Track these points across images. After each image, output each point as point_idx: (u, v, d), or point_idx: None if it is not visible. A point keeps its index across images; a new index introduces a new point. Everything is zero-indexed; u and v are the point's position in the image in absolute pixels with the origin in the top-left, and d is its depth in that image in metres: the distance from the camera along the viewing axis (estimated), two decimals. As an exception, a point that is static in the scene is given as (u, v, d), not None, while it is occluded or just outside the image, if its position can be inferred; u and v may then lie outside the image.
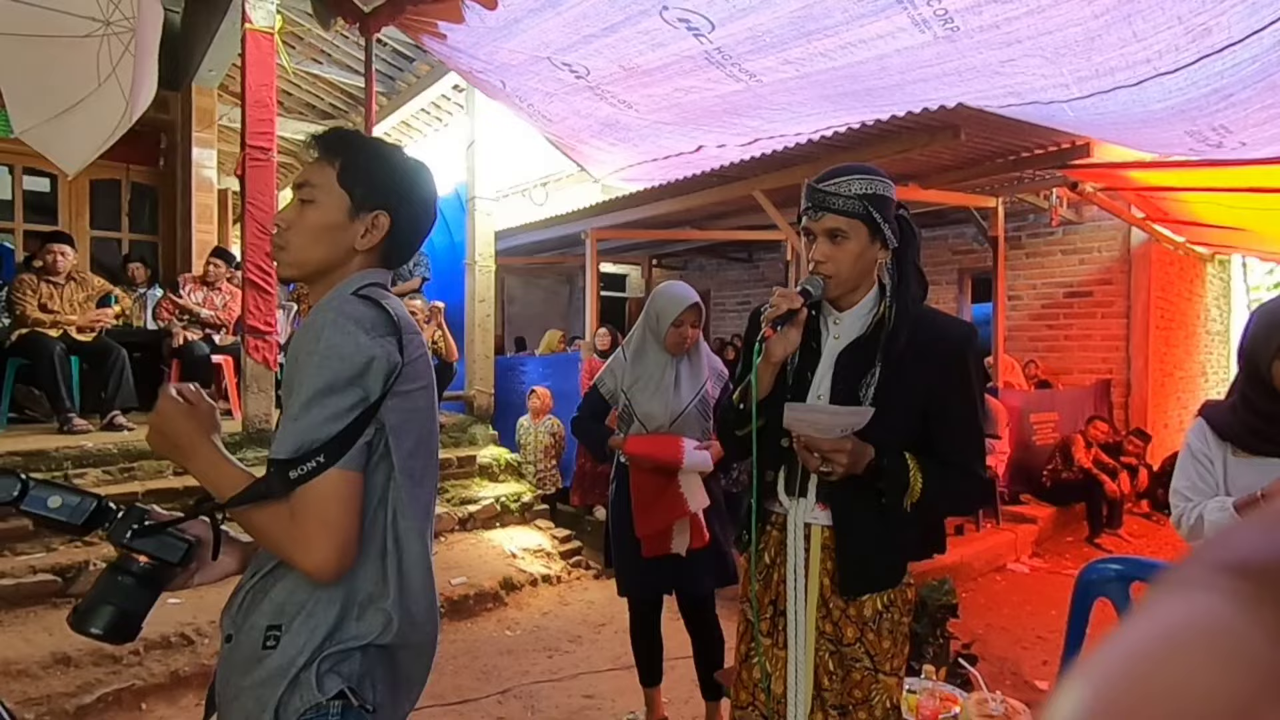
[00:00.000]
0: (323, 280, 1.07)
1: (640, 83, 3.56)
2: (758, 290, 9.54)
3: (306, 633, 0.94)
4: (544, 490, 5.26)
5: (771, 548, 1.51)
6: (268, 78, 4.25)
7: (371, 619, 0.97)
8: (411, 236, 1.11)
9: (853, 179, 1.36)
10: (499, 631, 3.54)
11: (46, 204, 5.94)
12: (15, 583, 3.01)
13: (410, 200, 1.09)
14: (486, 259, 5.52)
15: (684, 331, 2.31)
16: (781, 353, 1.41)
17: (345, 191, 1.04)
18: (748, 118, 3.77)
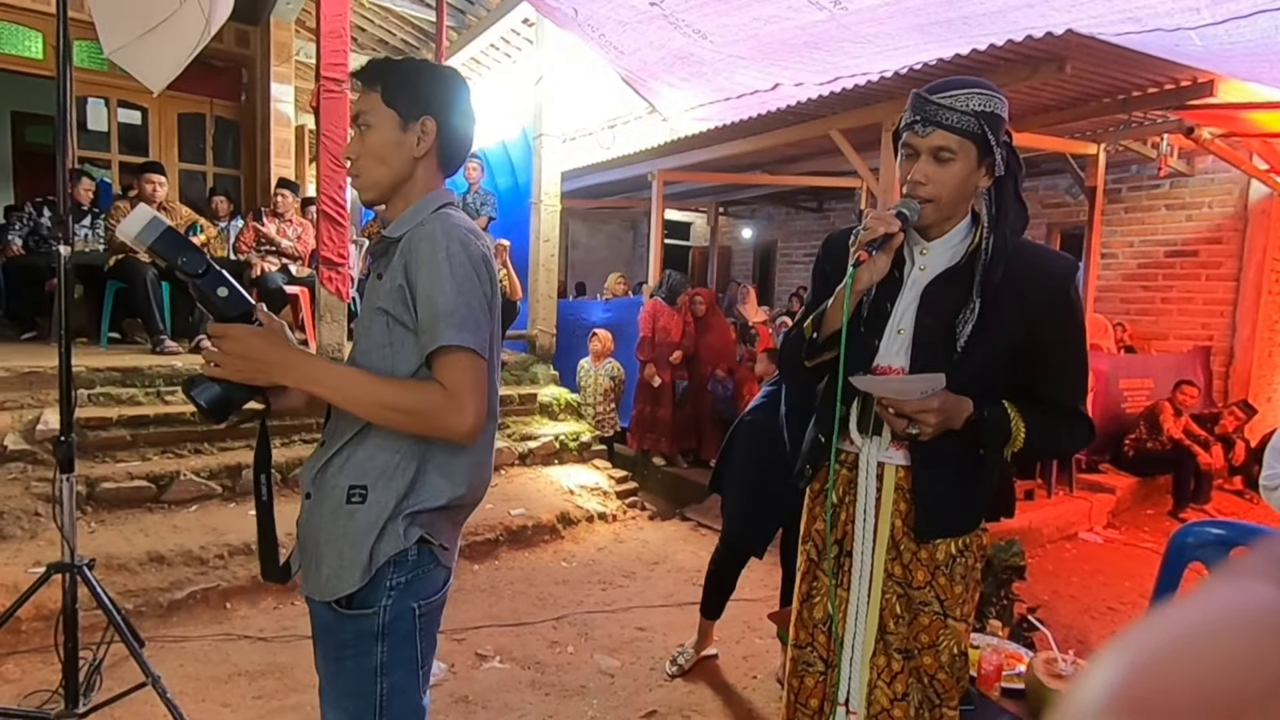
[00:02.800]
0: (398, 195, 1.20)
1: (717, 11, 3.38)
2: (827, 241, 9.22)
3: (391, 492, 1.12)
4: (603, 432, 5.32)
5: (839, 486, 1.46)
6: (341, 8, 4.24)
7: (444, 482, 1.15)
8: (460, 135, 1.22)
9: (971, 93, 1.24)
10: (555, 562, 3.64)
11: (138, 137, 6.20)
12: (116, 487, 3.25)
13: (449, 101, 1.20)
14: (552, 198, 5.49)
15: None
16: (868, 280, 1.31)
17: (392, 110, 1.16)
18: (829, 52, 3.55)
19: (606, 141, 8.11)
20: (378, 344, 1.15)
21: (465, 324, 1.08)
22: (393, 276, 1.13)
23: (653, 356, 5.31)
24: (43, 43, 5.59)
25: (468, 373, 1.08)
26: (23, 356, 3.80)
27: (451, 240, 1.10)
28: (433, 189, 1.21)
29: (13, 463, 3.20)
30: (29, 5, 5.38)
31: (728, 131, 5.11)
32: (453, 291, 1.08)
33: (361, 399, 1.08)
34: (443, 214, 1.16)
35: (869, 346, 1.38)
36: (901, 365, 1.35)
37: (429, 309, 1.08)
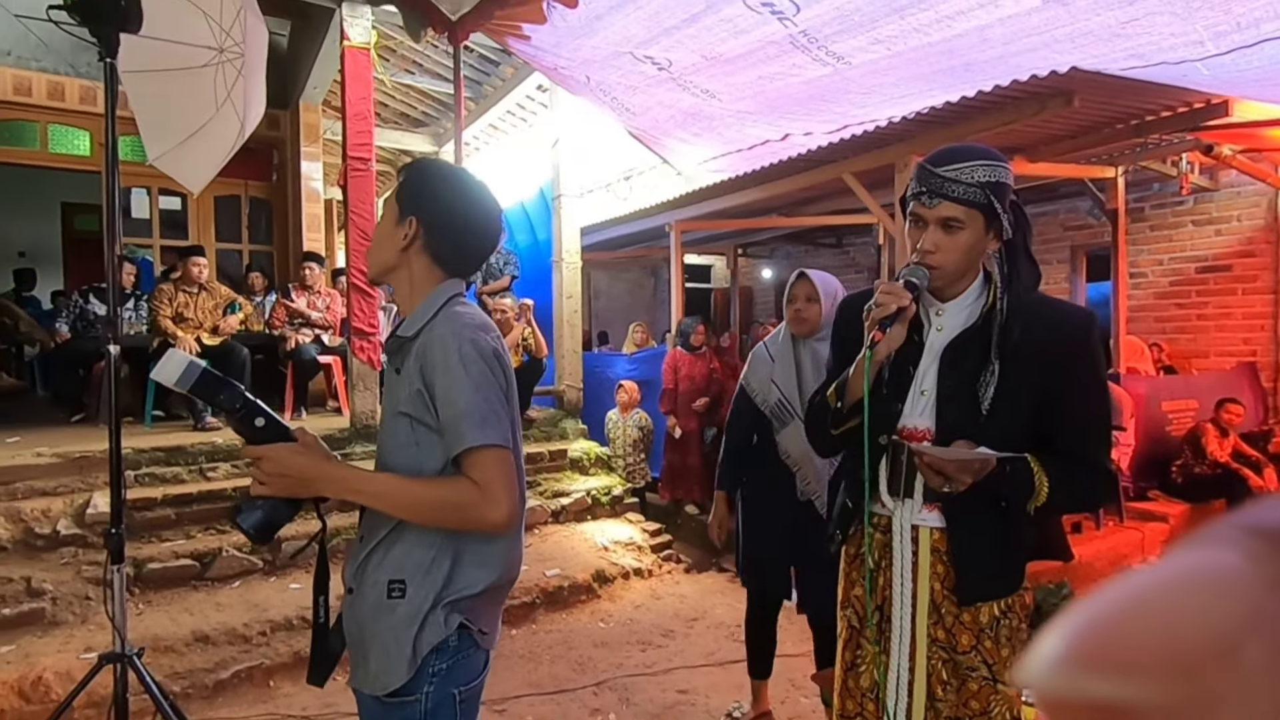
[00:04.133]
0: (401, 286, 1.27)
1: (723, 71, 3.49)
2: (848, 276, 9.22)
3: (429, 585, 1.16)
4: (633, 483, 5.30)
5: (875, 550, 1.44)
6: (365, 91, 4.47)
7: (479, 570, 1.19)
8: (450, 236, 1.25)
9: (976, 165, 1.26)
10: (593, 623, 3.60)
11: (178, 221, 6.51)
12: (162, 566, 3.32)
13: (439, 203, 1.24)
14: (573, 255, 5.60)
15: (796, 309, 2.20)
16: (886, 350, 1.33)
17: (396, 204, 1.25)
18: (835, 103, 3.62)
19: (623, 192, 8.29)
20: (402, 444, 1.20)
21: (487, 421, 1.13)
22: (410, 380, 1.18)
23: (674, 408, 5.31)
24: (90, 140, 5.95)
25: (496, 467, 1.13)
26: (73, 441, 3.94)
27: (463, 341, 1.15)
28: (437, 284, 1.25)
29: (65, 547, 3.30)
30: (78, 108, 5.76)
31: (741, 181, 5.20)
32: (470, 390, 1.13)
33: (400, 503, 1.15)
34: (451, 312, 1.20)
35: (892, 410, 1.38)
36: (928, 427, 1.35)
37: (449, 410, 1.13)
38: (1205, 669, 0.17)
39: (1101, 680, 0.18)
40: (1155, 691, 0.17)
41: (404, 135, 8.02)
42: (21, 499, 3.46)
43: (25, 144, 5.81)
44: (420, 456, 1.18)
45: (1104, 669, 0.18)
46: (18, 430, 4.53)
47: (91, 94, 5.72)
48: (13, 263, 7.99)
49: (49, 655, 2.74)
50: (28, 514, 3.35)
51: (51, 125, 5.86)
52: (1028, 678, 0.19)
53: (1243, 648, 0.17)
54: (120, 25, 1.88)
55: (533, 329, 5.16)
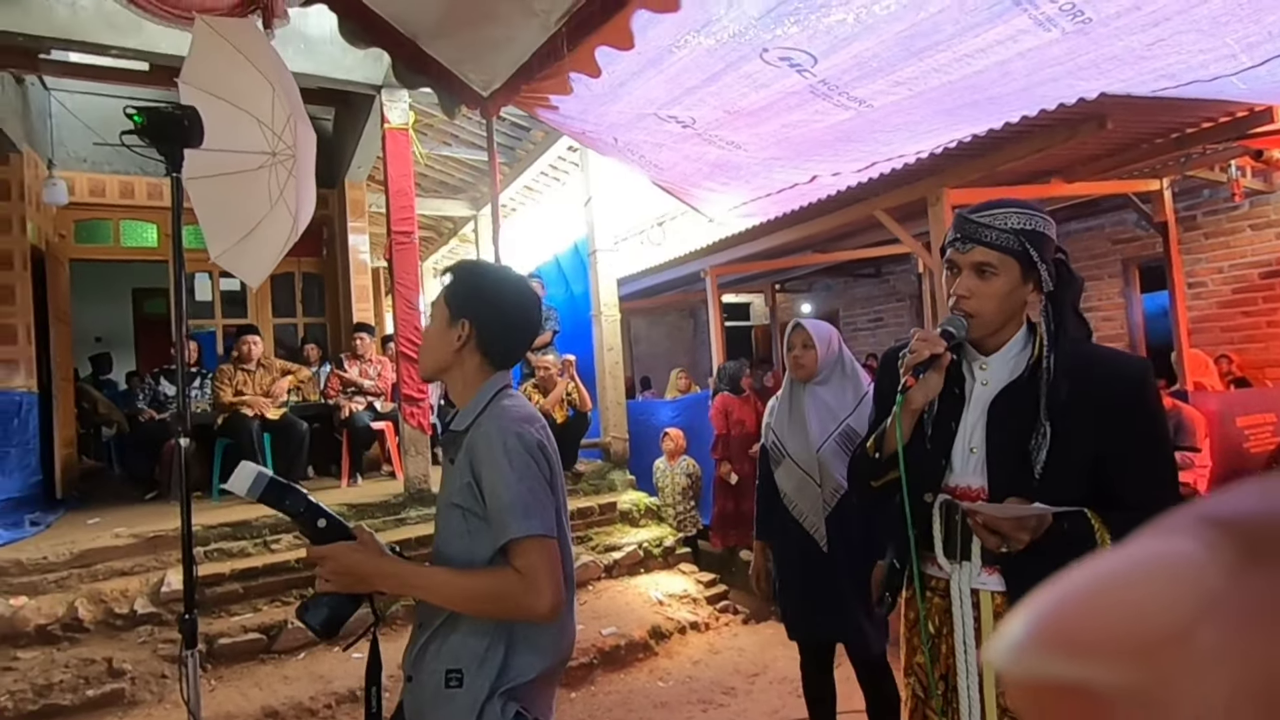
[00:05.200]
0: (453, 380, 1.34)
1: (746, 123, 3.56)
2: (889, 305, 9.09)
3: (485, 675, 1.20)
4: (684, 532, 5.25)
5: (935, 616, 1.40)
6: (406, 168, 4.70)
7: (533, 657, 1.23)
8: (500, 334, 1.32)
9: (1009, 212, 1.27)
10: (651, 682, 3.54)
11: (238, 299, 6.88)
12: (231, 641, 3.42)
13: (491, 305, 1.31)
14: (611, 308, 5.69)
15: (794, 355, 2.28)
16: (922, 399, 1.33)
17: (447, 307, 1.32)
18: (861, 143, 3.65)
19: (657, 238, 8.40)
20: (456, 534, 1.25)
21: (530, 511, 1.17)
22: (461, 473, 1.24)
23: (728, 454, 5.27)
24: (157, 231, 6.37)
25: (539, 556, 1.17)
26: (147, 520, 4.13)
27: (508, 435, 1.21)
28: (487, 379, 1.32)
29: (142, 626, 3.43)
30: (146, 203, 6.20)
31: (773, 224, 5.24)
32: (515, 482, 1.18)
33: (450, 596, 1.20)
34: (499, 406, 1.27)
35: (938, 465, 1.36)
36: (981, 486, 1.32)
37: (495, 503, 1.19)
38: (1161, 652, 0.17)
39: (1062, 662, 0.18)
40: (1113, 673, 0.18)
41: (443, 202, 8.35)
42: (102, 580, 3.63)
43: (101, 240, 6.27)
44: (473, 546, 1.23)
45: (1064, 651, 0.18)
46: (97, 511, 4.78)
47: (158, 189, 6.16)
48: (90, 348, 8.52)
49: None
50: (108, 594, 3.50)
51: (123, 221, 6.31)
52: (993, 659, 0.20)
53: (1196, 632, 0.17)
54: (184, 143, 2.04)
55: (576, 384, 5.22)
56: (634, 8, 2.78)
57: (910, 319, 8.59)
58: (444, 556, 1.28)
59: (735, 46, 2.90)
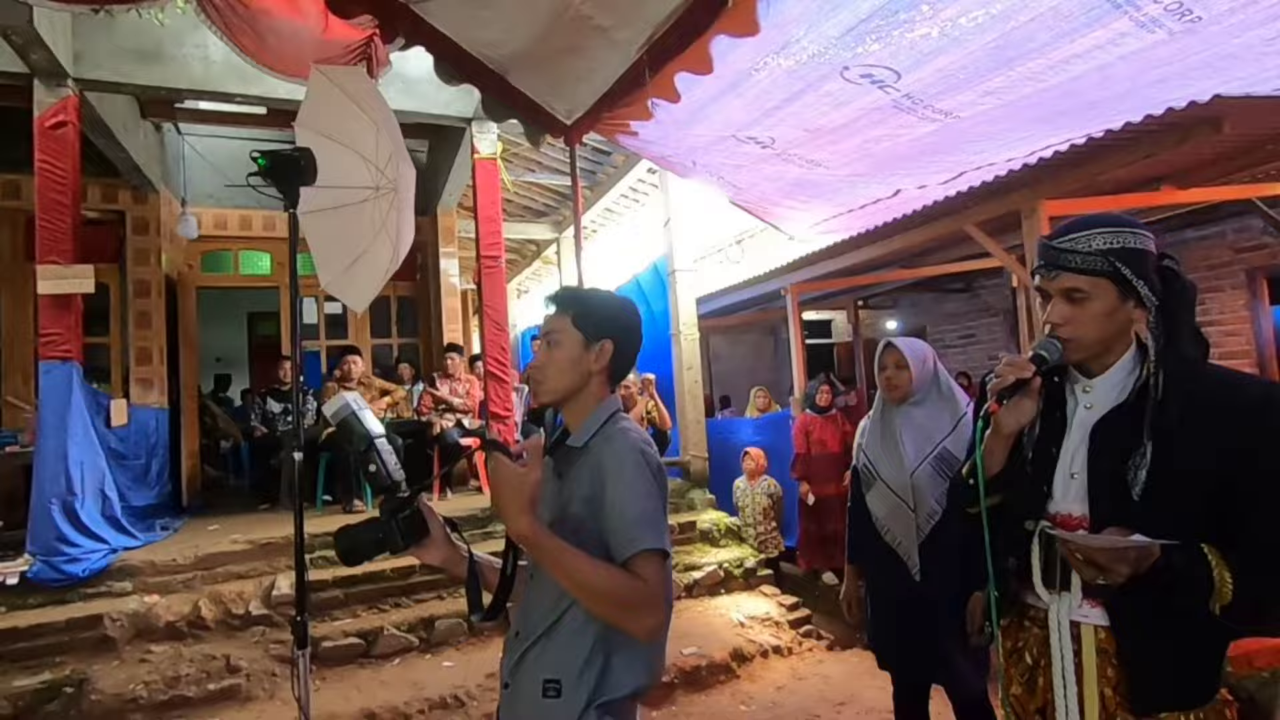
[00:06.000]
0: (573, 403, 1.39)
1: (827, 141, 3.53)
2: (981, 321, 8.69)
3: (583, 687, 1.22)
4: (766, 554, 5.17)
5: (1033, 647, 1.34)
6: (494, 196, 4.92)
7: (629, 675, 1.25)
8: (629, 353, 1.42)
9: (1094, 234, 1.22)
10: (734, 706, 3.50)
11: (339, 322, 7.36)
12: (333, 645, 3.62)
13: (625, 327, 1.41)
14: (690, 327, 5.72)
15: (886, 376, 2.23)
16: (1014, 424, 1.28)
17: (579, 331, 1.37)
18: (949, 155, 3.55)
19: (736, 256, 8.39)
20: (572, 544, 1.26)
21: (659, 527, 1.21)
22: (579, 485, 1.28)
23: (807, 474, 5.17)
24: (270, 260, 6.92)
25: (661, 572, 1.20)
26: (261, 528, 4.45)
27: (635, 453, 1.26)
28: (604, 399, 1.38)
29: (255, 627, 3.70)
30: (261, 234, 6.76)
31: (856, 240, 5.15)
32: (643, 497, 1.22)
33: (574, 570, 1.16)
34: (620, 427, 1.33)
35: (1039, 492, 1.31)
36: (1083, 513, 1.26)
37: (622, 517, 1.21)
38: None
39: None
40: None
41: (528, 226, 8.65)
42: (221, 582, 3.94)
43: (223, 269, 6.86)
44: None
45: None
46: (217, 518, 5.19)
47: (271, 221, 6.70)
48: (211, 368, 9.30)
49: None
50: (226, 596, 3.79)
51: (242, 251, 6.89)
52: None
53: None
54: (300, 182, 2.24)
55: (656, 402, 5.27)
56: (714, 33, 2.83)
57: (1004, 335, 8.18)
58: (546, 578, 1.28)
59: (815, 66, 2.89)
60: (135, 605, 3.62)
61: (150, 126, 5.76)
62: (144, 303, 5.85)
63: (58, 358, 3.83)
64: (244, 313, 10.31)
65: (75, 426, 3.87)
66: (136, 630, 3.54)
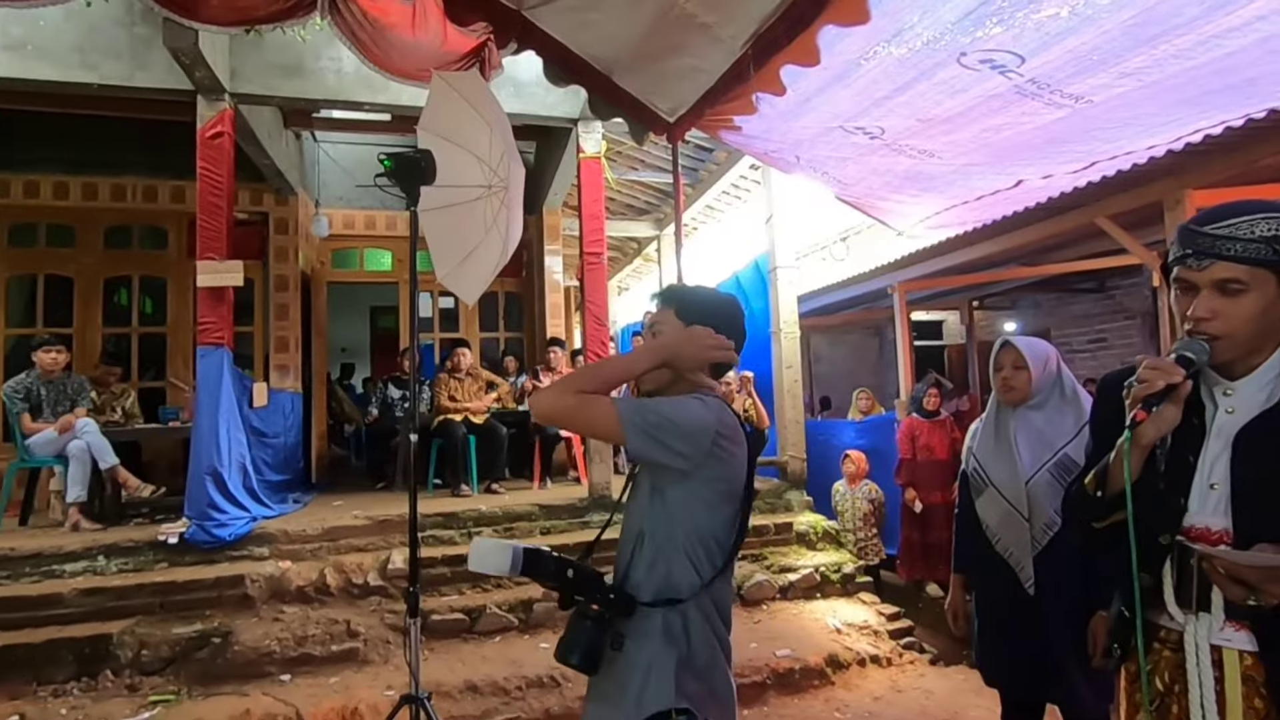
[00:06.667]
0: (674, 390, 1.46)
1: (941, 131, 3.38)
2: (1114, 324, 7.99)
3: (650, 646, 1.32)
4: (866, 560, 5.01)
5: (1165, 671, 1.24)
6: (598, 194, 5.04)
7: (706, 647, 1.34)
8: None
9: (1256, 219, 1.11)
10: (828, 712, 3.42)
11: (451, 316, 7.77)
12: (440, 619, 3.85)
13: (725, 320, 1.47)
14: (790, 325, 5.62)
15: (1003, 377, 2.11)
16: (1156, 434, 1.17)
17: (682, 323, 1.45)
18: (1078, 143, 3.30)
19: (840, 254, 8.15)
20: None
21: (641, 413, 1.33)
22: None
23: (912, 480, 4.96)
24: (391, 257, 7.41)
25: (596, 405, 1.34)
26: (377, 506, 4.78)
27: (694, 399, 1.40)
28: (699, 386, 1.46)
29: (371, 596, 3.98)
30: (384, 233, 7.25)
31: (971, 235, 4.88)
32: (668, 405, 1.37)
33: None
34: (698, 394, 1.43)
35: (1174, 505, 1.21)
36: (1224, 527, 1.15)
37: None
38: None
39: None
40: None
41: (629, 224, 8.78)
42: (344, 553, 4.27)
43: (349, 266, 7.42)
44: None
45: None
46: (340, 495, 5.63)
47: (392, 221, 7.17)
48: (338, 358, 10.06)
49: (362, 689, 3.30)
50: (348, 566, 4.11)
51: (367, 249, 7.42)
52: None
53: None
54: (421, 181, 2.40)
55: (754, 400, 5.22)
56: (821, 24, 2.77)
57: (1142, 339, 7.49)
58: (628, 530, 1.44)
59: (929, 53, 2.77)
60: (271, 569, 3.99)
61: (291, 135, 6.31)
62: (283, 296, 6.42)
63: (212, 343, 4.29)
64: (367, 307, 11.08)
65: (225, 405, 4.32)
66: (272, 591, 3.90)
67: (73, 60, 4.21)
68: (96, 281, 6.18)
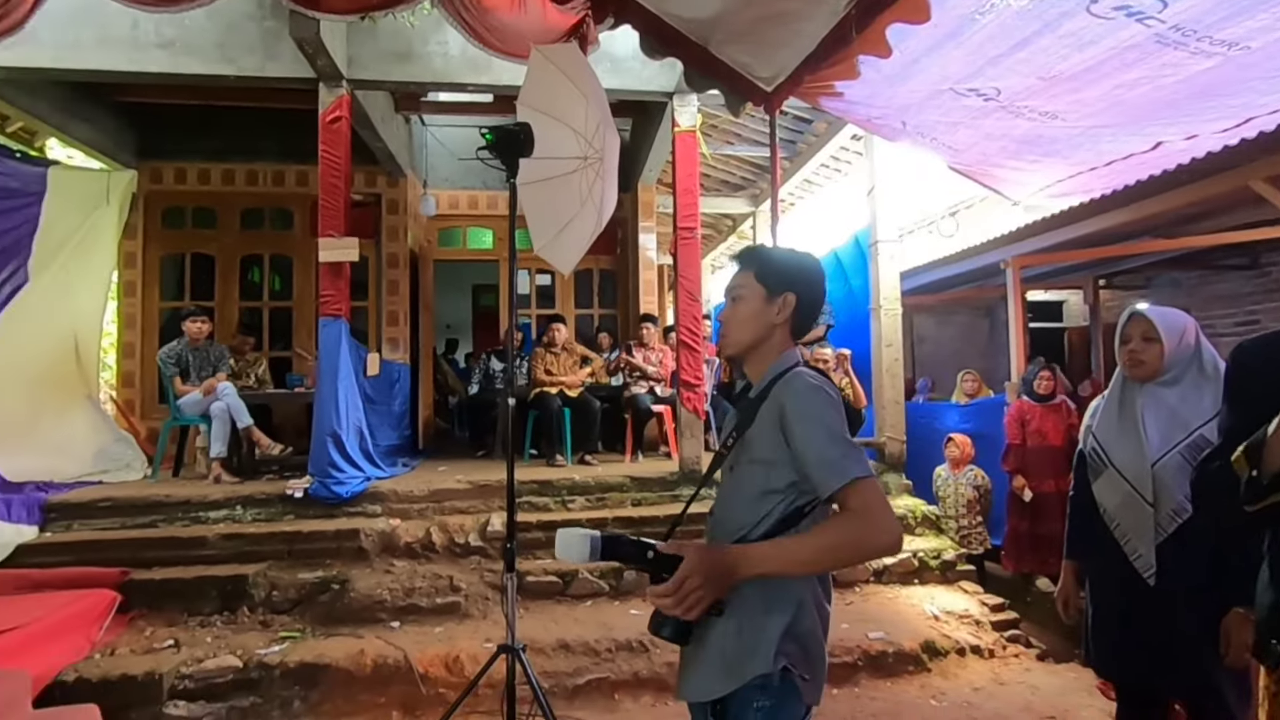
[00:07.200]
0: (755, 355, 1.44)
1: (1066, 89, 3.11)
2: (1271, 305, 7.14)
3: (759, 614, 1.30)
4: (968, 549, 4.78)
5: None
6: (692, 169, 5.01)
7: (790, 606, 1.29)
8: (812, 306, 1.46)
9: None
10: (923, 699, 3.31)
11: (549, 294, 7.98)
12: (535, 580, 4.02)
13: (807, 281, 1.44)
14: (892, 302, 5.39)
15: (1130, 350, 1.95)
16: None
17: (762, 286, 1.43)
18: (1230, 97, 2.95)
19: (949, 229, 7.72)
20: (750, 496, 1.33)
21: (850, 457, 1.24)
22: (762, 433, 1.32)
23: (1021, 467, 4.67)
24: (492, 236, 7.69)
25: (874, 494, 1.22)
26: (478, 472, 5.02)
27: (817, 392, 1.31)
28: (788, 350, 1.43)
29: (472, 556, 4.21)
30: (485, 212, 7.53)
31: (1099, 204, 4.49)
32: (839, 434, 1.26)
33: (806, 559, 1.23)
34: (799, 373, 1.36)
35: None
36: None
37: (822, 454, 1.24)
38: None
39: None
40: None
41: (724, 200, 8.67)
42: (448, 514, 4.52)
43: (454, 244, 7.76)
44: (762, 506, 1.32)
45: None
46: (444, 461, 5.95)
47: (493, 200, 7.43)
48: (443, 333, 10.57)
49: (463, 639, 3.50)
50: (451, 526, 4.35)
51: (470, 228, 7.73)
52: None
53: None
54: (519, 153, 2.48)
55: (851, 379, 5.07)
56: (933, -23, 2.61)
57: (1303, 321, 6.66)
58: (730, 521, 1.37)
59: (1054, 3, 2.55)
60: (383, 525, 4.29)
61: (401, 119, 6.64)
62: (394, 273, 6.81)
63: (332, 315, 4.62)
64: (469, 285, 11.55)
65: (343, 373, 4.65)
66: (383, 546, 4.19)
67: (214, 55, 4.61)
68: (234, 260, 6.79)
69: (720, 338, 1.49)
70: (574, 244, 3.00)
